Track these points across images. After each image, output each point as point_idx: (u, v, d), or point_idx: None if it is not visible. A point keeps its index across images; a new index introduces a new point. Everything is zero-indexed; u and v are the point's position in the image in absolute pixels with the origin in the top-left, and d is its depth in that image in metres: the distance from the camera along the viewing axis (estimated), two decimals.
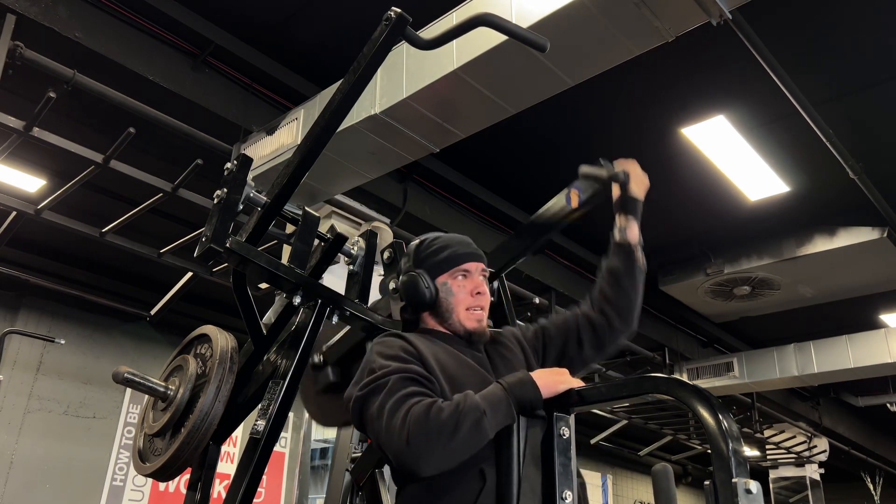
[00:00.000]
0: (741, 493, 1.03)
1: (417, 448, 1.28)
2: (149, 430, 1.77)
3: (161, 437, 1.73)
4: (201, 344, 1.85)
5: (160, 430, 1.73)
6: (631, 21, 2.48)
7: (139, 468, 1.79)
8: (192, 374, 1.73)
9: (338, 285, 2.19)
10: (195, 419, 1.62)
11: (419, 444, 1.28)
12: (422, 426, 1.29)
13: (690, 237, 5.50)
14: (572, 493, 1.31)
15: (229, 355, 1.70)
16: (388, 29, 1.61)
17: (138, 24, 3.42)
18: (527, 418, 1.36)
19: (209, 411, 1.61)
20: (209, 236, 1.71)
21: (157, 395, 1.75)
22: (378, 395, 1.37)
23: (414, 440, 1.28)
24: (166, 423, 1.71)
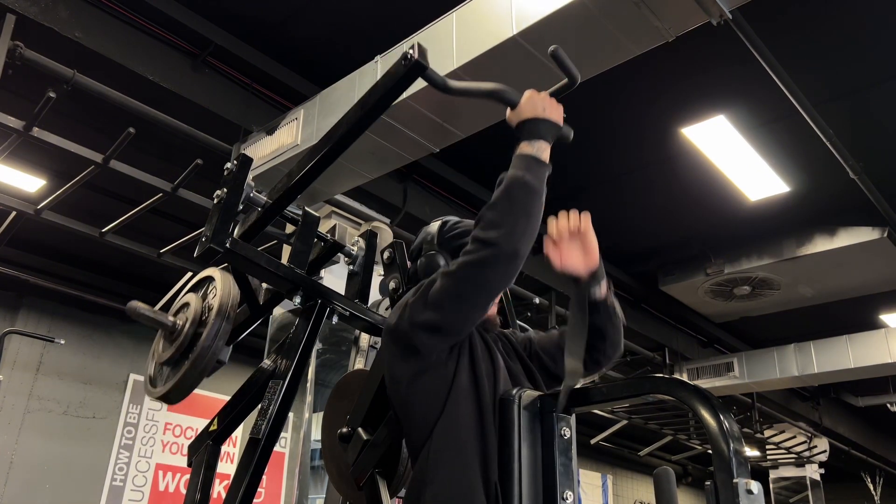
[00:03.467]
0: (742, 493, 1.03)
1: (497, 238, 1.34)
2: (159, 358, 1.95)
3: (169, 365, 1.91)
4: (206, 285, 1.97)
5: (168, 359, 1.89)
6: (631, 21, 2.48)
7: (150, 392, 1.96)
8: (196, 311, 1.89)
9: (338, 285, 2.19)
10: (198, 350, 1.80)
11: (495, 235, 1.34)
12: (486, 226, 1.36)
13: (690, 237, 5.50)
14: (573, 493, 1.31)
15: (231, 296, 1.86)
16: (406, 70, 1.52)
17: (138, 23, 3.42)
18: (527, 419, 1.36)
19: (210, 345, 1.80)
20: (209, 236, 1.71)
21: (166, 328, 1.91)
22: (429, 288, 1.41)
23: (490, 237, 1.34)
24: (174, 352, 1.86)
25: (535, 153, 1.44)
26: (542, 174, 1.43)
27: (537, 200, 1.40)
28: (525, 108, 1.50)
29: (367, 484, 1.69)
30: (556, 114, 1.51)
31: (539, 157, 1.44)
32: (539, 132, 1.47)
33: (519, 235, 1.35)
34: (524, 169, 1.42)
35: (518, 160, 1.44)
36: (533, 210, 1.38)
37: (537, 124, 1.48)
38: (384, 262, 2.06)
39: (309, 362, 3.10)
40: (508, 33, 2.61)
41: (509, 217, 1.36)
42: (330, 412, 2.07)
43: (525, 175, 1.40)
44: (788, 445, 8.83)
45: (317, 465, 3.52)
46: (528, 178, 1.40)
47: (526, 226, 1.37)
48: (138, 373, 5.89)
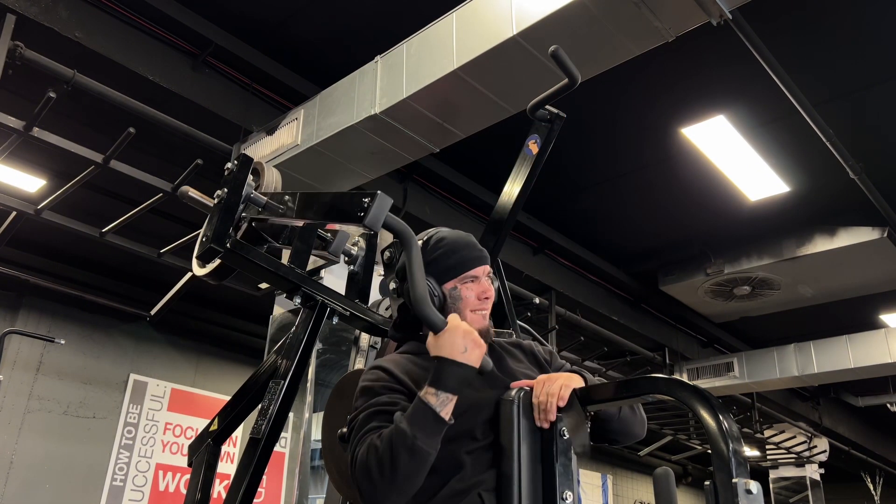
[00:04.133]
0: (741, 493, 1.03)
1: (369, 496, 1.30)
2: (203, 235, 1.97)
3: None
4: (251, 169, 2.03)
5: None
6: (631, 21, 2.48)
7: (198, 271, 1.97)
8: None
9: (338, 285, 2.19)
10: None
11: (370, 492, 1.30)
12: (365, 472, 1.31)
13: (690, 237, 5.50)
14: (573, 493, 1.31)
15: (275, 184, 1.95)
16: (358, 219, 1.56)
17: (138, 23, 3.42)
18: (526, 421, 1.36)
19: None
20: (209, 236, 1.71)
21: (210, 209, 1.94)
22: (352, 437, 1.40)
23: (365, 489, 1.31)
24: None
25: (438, 407, 1.31)
26: (438, 433, 1.31)
27: (422, 464, 1.30)
28: (445, 344, 1.36)
29: None
30: (478, 354, 1.37)
31: (439, 413, 1.30)
32: (450, 381, 1.33)
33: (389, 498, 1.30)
34: (419, 427, 1.29)
35: (418, 411, 1.31)
36: (413, 475, 1.29)
37: (452, 371, 1.34)
38: (384, 262, 2.06)
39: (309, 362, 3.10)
40: (508, 33, 2.61)
41: (386, 482, 1.28)
42: (330, 412, 2.07)
43: (417, 436, 1.28)
44: (788, 445, 8.83)
45: (317, 465, 3.52)
46: (419, 442, 1.28)
47: (400, 489, 1.29)
48: (138, 373, 5.89)
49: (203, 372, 6.32)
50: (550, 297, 5.60)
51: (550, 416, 1.35)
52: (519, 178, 2.18)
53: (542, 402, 1.36)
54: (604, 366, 6.68)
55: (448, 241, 1.61)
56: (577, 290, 5.79)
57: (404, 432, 1.29)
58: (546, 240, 5.29)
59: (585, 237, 5.49)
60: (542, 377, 1.43)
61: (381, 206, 1.46)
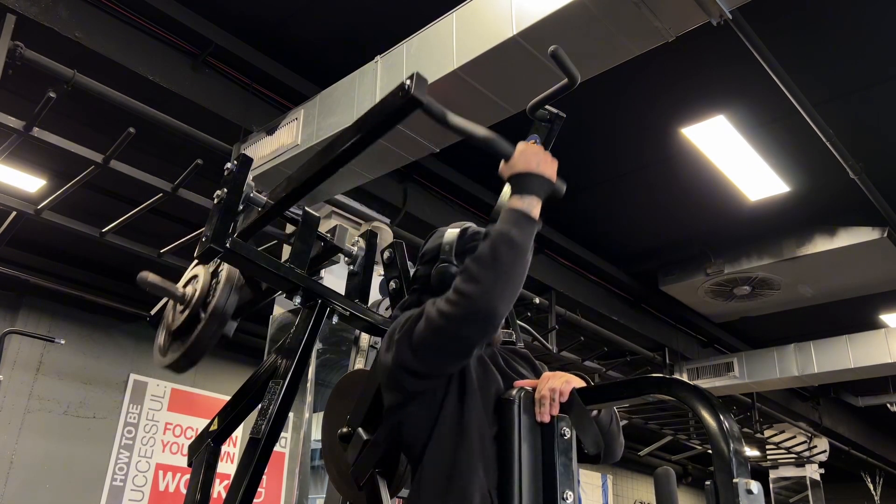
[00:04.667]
0: (742, 493, 1.04)
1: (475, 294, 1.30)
2: (169, 328, 1.99)
3: (179, 334, 1.95)
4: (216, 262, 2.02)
5: (178, 328, 1.92)
6: (631, 21, 2.48)
7: (159, 362, 1.99)
8: (205, 283, 1.93)
9: (338, 285, 2.19)
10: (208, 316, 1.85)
11: (474, 290, 1.30)
12: (468, 279, 1.32)
13: (690, 237, 5.50)
14: (573, 493, 1.31)
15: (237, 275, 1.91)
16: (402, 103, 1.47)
17: (138, 23, 3.42)
18: (527, 420, 1.36)
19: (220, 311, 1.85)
20: (209, 236, 1.71)
21: (177, 298, 1.95)
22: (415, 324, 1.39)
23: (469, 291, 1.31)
24: (184, 321, 1.90)
25: (526, 209, 1.39)
26: (531, 231, 1.38)
27: (522, 258, 1.35)
28: (518, 161, 1.46)
29: (367, 484, 1.69)
30: (550, 169, 1.46)
31: (529, 213, 1.39)
32: (531, 188, 1.42)
33: (498, 294, 1.31)
34: (512, 224, 1.37)
35: (507, 214, 1.40)
36: (516, 269, 1.34)
37: (529, 179, 1.43)
38: (384, 262, 2.06)
39: (309, 362, 3.10)
40: (508, 33, 2.61)
41: (490, 274, 1.31)
42: (330, 412, 2.07)
43: (511, 231, 1.36)
44: (788, 445, 8.83)
45: (317, 465, 3.52)
46: (515, 235, 1.35)
47: (506, 285, 1.32)
48: (138, 373, 5.89)
49: (203, 372, 6.31)
50: (550, 297, 5.60)
51: (553, 410, 1.36)
52: None
53: (545, 396, 1.37)
54: (604, 366, 6.68)
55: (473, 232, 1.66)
56: (577, 290, 5.79)
57: (499, 231, 1.36)
58: (546, 240, 5.29)
59: (585, 237, 5.49)
60: (546, 374, 1.45)
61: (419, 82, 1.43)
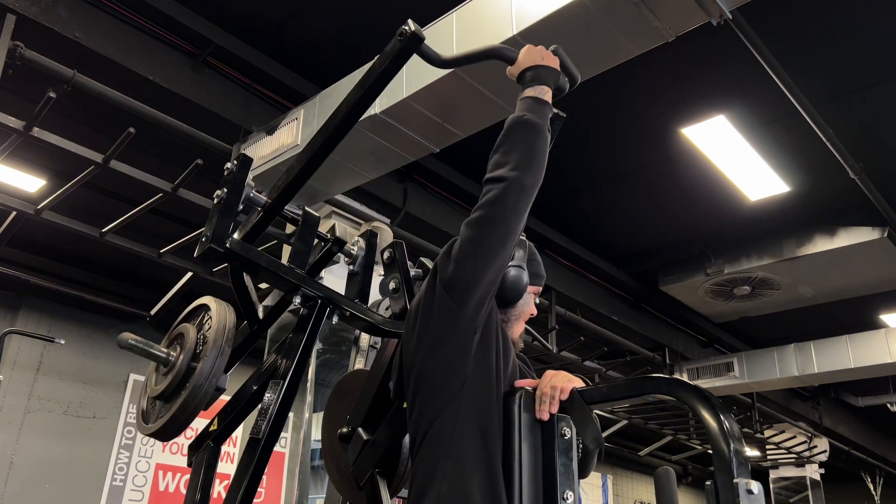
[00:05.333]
0: (742, 493, 1.04)
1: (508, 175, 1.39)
2: (151, 392, 1.84)
3: (163, 400, 1.80)
4: (201, 314, 1.88)
5: (162, 393, 1.78)
6: (631, 21, 2.48)
7: (142, 429, 1.85)
8: (191, 343, 1.79)
9: (338, 285, 2.19)
10: (194, 383, 1.69)
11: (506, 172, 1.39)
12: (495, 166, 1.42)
13: (690, 237, 5.50)
14: (573, 493, 1.31)
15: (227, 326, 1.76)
16: (402, 44, 1.61)
17: (138, 23, 3.42)
18: (527, 420, 1.36)
19: (207, 377, 1.69)
20: (209, 236, 1.71)
21: (160, 360, 1.81)
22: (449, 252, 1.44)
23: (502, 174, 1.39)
24: (167, 386, 1.76)
25: (537, 94, 1.52)
26: (545, 113, 1.49)
27: (539, 135, 1.45)
28: (524, 58, 1.59)
29: (367, 484, 1.69)
30: (554, 62, 1.59)
31: (541, 97, 1.51)
32: (540, 77, 1.55)
33: (524, 168, 1.40)
34: (525, 109, 1.49)
35: (520, 104, 1.51)
36: (536, 144, 1.43)
37: (537, 70, 1.56)
38: (384, 262, 2.06)
39: (309, 362, 3.10)
40: (508, 33, 2.61)
41: (513, 153, 1.41)
42: (330, 412, 2.07)
43: (525, 114, 1.47)
44: (788, 445, 8.83)
45: (317, 465, 3.52)
46: (529, 117, 1.46)
47: (531, 158, 1.41)
48: (138, 373, 5.89)
49: None
50: (550, 297, 5.60)
51: (553, 407, 1.36)
52: None
53: (546, 393, 1.38)
54: (604, 366, 6.68)
55: (535, 251, 1.71)
56: (577, 290, 5.78)
57: (513, 118, 1.48)
58: (546, 240, 5.29)
59: (585, 237, 5.49)
60: (549, 372, 1.46)
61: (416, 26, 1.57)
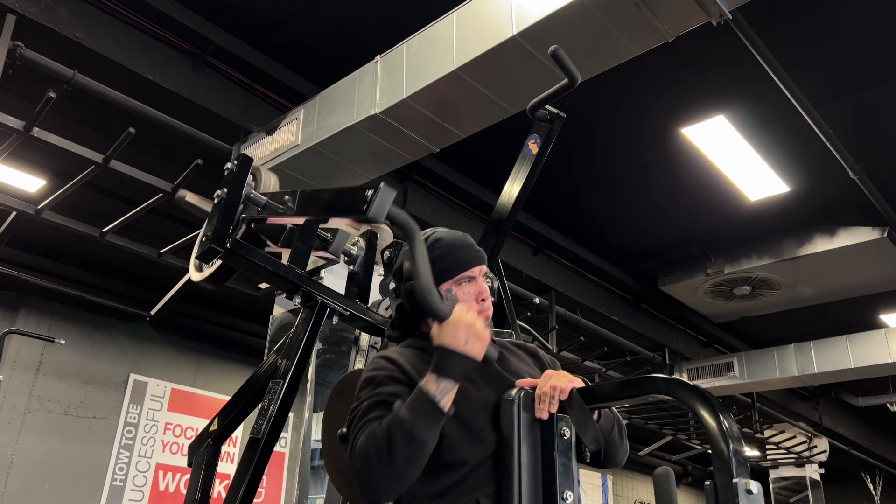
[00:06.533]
0: (742, 493, 1.03)
1: (366, 482, 1.31)
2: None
3: None
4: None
5: None
6: (631, 21, 2.48)
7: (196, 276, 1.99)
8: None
9: (338, 285, 2.19)
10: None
11: (367, 479, 1.30)
12: (363, 459, 1.31)
13: (690, 237, 5.50)
14: (573, 493, 1.31)
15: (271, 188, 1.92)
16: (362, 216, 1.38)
17: (138, 24, 3.42)
18: (527, 420, 1.36)
19: None
20: (209, 236, 1.71)
21: None
22: (353, 425, 1.40)
23: (362, 476, 1.31)
24: None
25: (437, 396, 1.31)
26: (437, 423, 1.32)
27: (420, 452, 1.30)
28: (447, 334, 1.36)
29: None
30: (480, 346, 1.36)
31: (438, 402, 1.31)
32: (451, 370, 1.33)
33: (386, 488, 1.31)
34: (419, 416, 1.30)
35: (418, 398, 1.32)
36: (411, 463, 1.30)
37: (453, 360, 1.34)
38: (384, 262, 2.06)
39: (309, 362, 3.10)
40: (508, 33, 2.61)
41: (383, 471, 1.29)
42: (330, 412, 2.07)
43: (416, 426, 1.29)
44: (788, 445, 8.83)
45: (317, 465, 3.52)
46: (417, 431, 1.28)
47: (398, 478, 1.30)
48: (138, 373, 5.89)
49: (203, 372, 6.32)
50: (550, 297, 5.60)
51: (552, 407, 1.35)
52: (519, 177, 2.18)
53: (546, 393, 1.36)
54: (604, 366, 6.68)
55: (444, 242, 1.58)
56: (577, 290, 5.79)
57: (403, 420, 1.30)
58: (546, 240, 5.29)
59: (585, 237, 5.49)
60: (549, 371, 1.44)
61: (384, 198, 1.35)
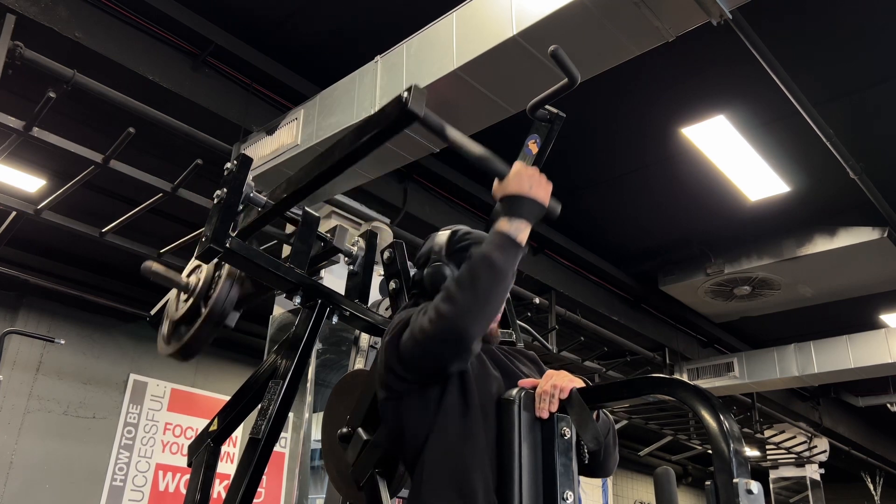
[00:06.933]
0: (742, 493, 1.04)
1: (448, 314, 1.31)
2: (172, 317, 2.00)
3: (183, 323, 1.95)
4: None
5: (182, 317, 1.93)
6: (631, 21, 2.48)
7: (163, 350, 2.01)
8: (209, 273, 1.94)
9: (338, 285, 2.19)
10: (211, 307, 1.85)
11: (448, 311, 1.31)
12: (446, 298, 1.33)
13: (690, 237, 5.50)
14: (573, 493, 1.31)
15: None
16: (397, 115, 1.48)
17: (138, 24, 3.42)
18: (527, 420, 1.36)
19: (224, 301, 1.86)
20: (209, 236, 1.71)
21: (181, 287, 1.95)
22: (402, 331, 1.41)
23: (445, 312, 1.31)
24: (187, 310, 1.91)
25: (512, 232, 1.38)
26: (514, 256, 1.37)
27: (501, 283, 1.34)
28: (511, 182, 1.45)
29: (367, 484, 1.69)
30: (544, 192, 1.45)
31: (515, 237, 1.38)
32: (520, 211, 1.41)
33: (472, 317, 1.31)
34: (495, 247, 1.36)
35: (493, 236, 1.39)
36: (493, 294, 1.33)
37: (521, 203, 1.42)
38: (384, 262, 2.06)
39: (309, 362, 3.10)
40: (508, 33, 2.61)
41: (467, 296, 1.31)
42: (330, 412, 2.07)
43: (493, 254, 1.35)
44: (788, 445, 8.83)
45: (317, 465, 3.53)
46: (496, 258, 1.34)
47: (482, 309, 1.32)
48: (138, 373, 5.89)
49: (203, 372, 6.31)
50: (550, 297, 5.59)
51: (552, 406, 1.36)
52: None
53: (546, 391, 1.37)
54: (604, 366, 6.68)
55: (474, 235, 1.66)
56: (577, 290, 5.79)
57: (482, 253, 1.37)
58: (546, 240, 5.29)
59: (585, 237, 5.49)
60: (550, 371, 1.45)
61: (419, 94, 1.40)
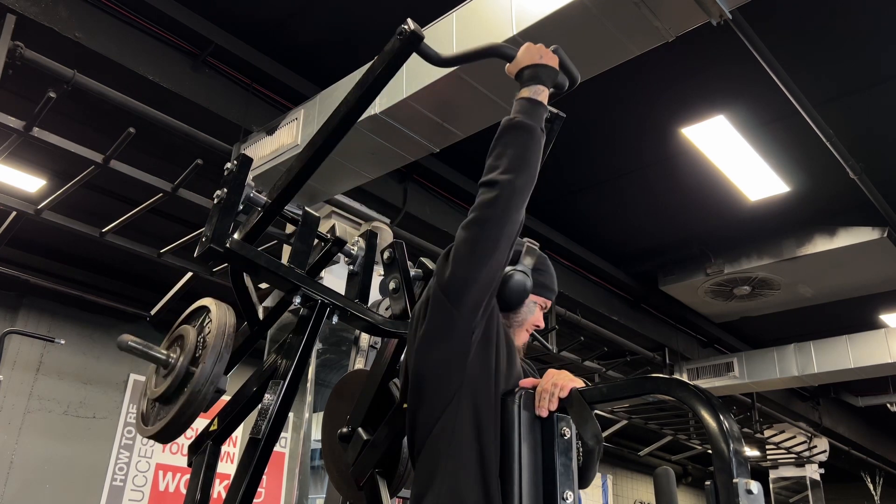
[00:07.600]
0: (742, 493, 1.04)
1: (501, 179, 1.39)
2: (151, 394, 1.84)
3: (162, 402, 1.80)
4: (201, 316, 1.89)
5: (161, 395, 1.79)
6: (631, 21, 2.48)
7: (142, 431, 1.85)
8: (191, 345, 1.79)
9: (338, 285, 2.19)
10: (193, 386, 1.70)
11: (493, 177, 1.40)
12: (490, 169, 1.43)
13: (690, 237, 5.50)
14: (573, 493, 1.31)
15: (226, 329, 1.76)
16: (402, 43, 1.61)
17: (138, 24, 3.42)
18: (527, 420, 1.36)
19: (207, 380, 1.70)
20: (209, 236, 1.71)
21: (159, 362, 1.82)
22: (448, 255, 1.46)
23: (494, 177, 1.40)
24: (167, 388, 1.77)
25: (532, 95, 1.51)
26: (539, 114, 1.48)
27: (532, 137, 1.44)
28: (523, 56, 1.57)
29: (367, 484, 1.69)
30: (553, 62, 1.58)
31: (536, 97, 1.50)
32: (537, 76, 1.53)
33: (516, 170, 1.40)
34: (518, 111, 1.48)
35: (515, 104, 1.50)
36: (528, 146, 1.43)
37: (535, 70, 1.55)
38: (384, 262, 2.07)
39: (309, 362, 3.10)
40: (508, 33, 2.61)
41: (505, 157, 1.42)
42: (330, 412, 2.07)
43: (518, 116, 1.47)
44: (788, 445, 8.83)
45: (317, 465, 3.53)
46: (522, 119, 1.46)
47: (522, 161, 1.41)
48: (138, 373, 5.89)
49: None
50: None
51: (552, 405, 1.37)
52: None
53: (546, 389, 1.39)
54: (604, 366, 6.68)
55: (549, 264, 1.72)
56: (577, 290, 5.78)
57: (508, 119, 1.48)
58: (546, 240, 5.29)
59: (585, 237, 5.49)
60: (550, 370, 1.47)
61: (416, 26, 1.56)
